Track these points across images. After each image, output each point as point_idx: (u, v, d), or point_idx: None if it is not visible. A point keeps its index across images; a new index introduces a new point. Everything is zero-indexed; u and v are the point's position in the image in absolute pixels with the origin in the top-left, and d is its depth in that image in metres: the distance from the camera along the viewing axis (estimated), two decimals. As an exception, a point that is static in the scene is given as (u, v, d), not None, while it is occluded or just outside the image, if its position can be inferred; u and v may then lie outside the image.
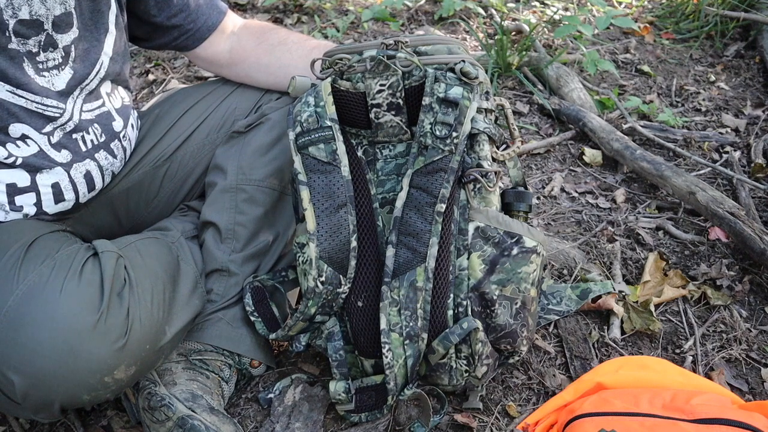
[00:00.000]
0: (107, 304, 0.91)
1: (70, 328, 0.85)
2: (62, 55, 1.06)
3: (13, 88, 1.01)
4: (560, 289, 1.41)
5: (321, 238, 1.06)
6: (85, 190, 1.15)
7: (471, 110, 1.05)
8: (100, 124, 1.16)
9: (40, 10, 1.00)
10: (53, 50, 1.04)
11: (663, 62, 2.42)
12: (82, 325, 0.86)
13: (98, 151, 1.16)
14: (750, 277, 1.47)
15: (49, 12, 1.01)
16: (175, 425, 1.06)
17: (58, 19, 1.03)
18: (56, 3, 1.02)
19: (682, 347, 1.33)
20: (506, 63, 2.23)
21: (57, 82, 1.07)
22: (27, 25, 0.99)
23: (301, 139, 1.07)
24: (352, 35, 2.60)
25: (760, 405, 1.06)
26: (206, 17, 1.30)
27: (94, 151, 1.15)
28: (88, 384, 0.88)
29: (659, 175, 1.70)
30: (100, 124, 1.16)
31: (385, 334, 1.05)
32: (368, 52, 1.08)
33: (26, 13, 0.99)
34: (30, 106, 1.03)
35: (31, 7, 0.99)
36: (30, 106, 1.03)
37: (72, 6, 1.05)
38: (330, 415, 1.18)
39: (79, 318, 0.86)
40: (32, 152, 1.06)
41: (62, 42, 1.06)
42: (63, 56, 1.06)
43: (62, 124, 1.09)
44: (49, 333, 0.84)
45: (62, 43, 1.06)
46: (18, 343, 0.84)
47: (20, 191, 1.07)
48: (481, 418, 1.17)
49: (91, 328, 0.86)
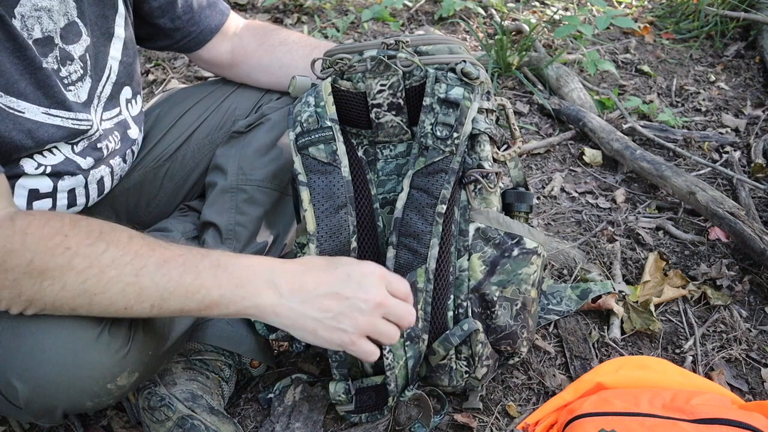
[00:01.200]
0: None
1: (74, 336, 0.85)
2: (81, 66, 1.05)
3: (46, 109, 1.00)
4: (560, 289, 1.41)
5: (321, 239, 1.06)
6: (95, 195, 1.15)
7: (472, 111, 1.05)
8: (119, 132, 1.16)
9: (49, 26, 0.99)
10: (71, 62, 1.03)
11: (663, 62, 2.42)
12: (85, 333, 0.86)
13: (113, 157, 1.16)
14: (750, 277, 1.47)
15: (56, 26, 1.00)
16: (175, 425, 1.06)
17: (64, 31, 1.02)
18: (60, 15, 1.01)
19: (682, 347, 1.33)
20: (506, 63, 2.23)
21: (81, 94, 1.06)
22: (41, 43, 0.98)
23: (301, 139, 1.07)
24: (352, 35, 2.60)
25: (760, 405, 1.06)
26: (209, 20, 1.30)
27: (110, 158, 1.15)
28: (91, 391, 0.88)
29: (659, 175, 1.70)
30: (120, 132, 1.16)
31: None
32: (369, 52, 1.08)
33: (39, 32, 0.97)
34: (66, 124, 1.03)
35: (41, 25, 0.97)
36: (66, 124, 1.03)
37: (75, 15, 1.04)
38: (330, 415, 1.18)
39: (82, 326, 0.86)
40: (59, 160, 1.06)
41: (76, 53, 1.04)
42: (82, 66, 1.05)
43: (89, 135, 1.08)
44: (52, 341, 0.84)
45: (77, 53, 1.04)
46: (22, 351, 0.84)
47: (40, 197, 1.06)
48: (481, 418, 1.17)
49: (94, 337, 0.86)
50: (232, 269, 0.86)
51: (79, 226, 0.83)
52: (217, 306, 0.85)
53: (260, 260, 0.90)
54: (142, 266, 0.83)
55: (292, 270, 0.89)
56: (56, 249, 0.80)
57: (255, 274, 0.87)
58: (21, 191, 1.03)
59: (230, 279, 0.86)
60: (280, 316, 0.87)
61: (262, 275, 0.87)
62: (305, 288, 0.88)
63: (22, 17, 0.94)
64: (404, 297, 0.93)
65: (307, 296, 0.87)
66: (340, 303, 0.88)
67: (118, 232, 0.85)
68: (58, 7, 0.99)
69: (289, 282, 0.88)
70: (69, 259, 0.80)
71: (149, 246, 0.85)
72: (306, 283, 0.88)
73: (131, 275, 0.82)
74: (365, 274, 0.90)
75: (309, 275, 0.89)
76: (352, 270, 0.90)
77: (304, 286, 0.88)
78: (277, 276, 0.88)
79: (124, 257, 0.82)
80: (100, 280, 0.81)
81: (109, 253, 0.82)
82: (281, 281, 0.87)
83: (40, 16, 0.97)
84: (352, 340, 0.89)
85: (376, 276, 0.90)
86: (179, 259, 0.85)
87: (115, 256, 0.82)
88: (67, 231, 0.82)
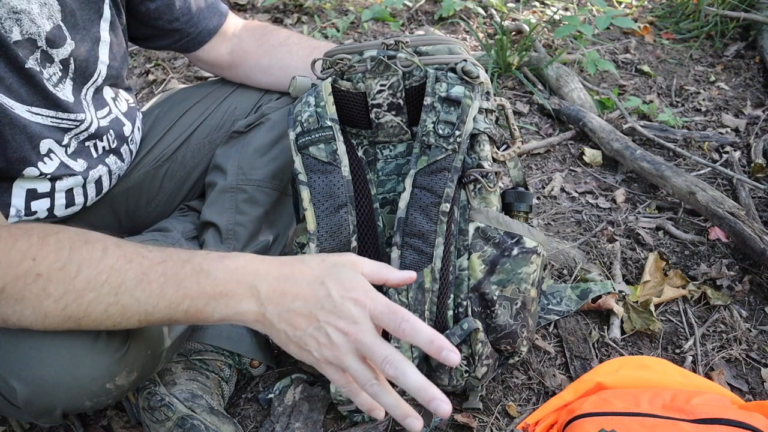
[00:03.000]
0: None
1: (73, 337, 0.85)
2: (60, 69, 1.04)
3: (28, 107, 0.99)
4: (560, 289, 1.41)
5: (321, 238, 1.06)
6: (93, 195, 1.15)
7: (473, 109, 1.05)
8: (114, 130, 1.16)
9: (31, 29, 0.98)
10: (50, 65, 1.02)
11: (663, 62, 2.42)
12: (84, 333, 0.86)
13: (108, 156, 1.16)
14: (750, 277, 1.47)
15: (40, 29, 0.99)
16: (175, 425, 1.06)
17: (50, 34, 1.01)
18: (44, 19, 1.00)
19: (682, 347, 1.33)
20: (506, 63, 2.23)
21: (68, 94, 1.06)
22: (22, 45, 0.97)
23: (301, 139, 1.07)
24: (352, 35, 2.60)
25: (760, 405, 1.06)
26: (207, 21, 1.30)
27: (104, 157, 1.15)
28: (89, 390, 0.88)
29: (659, 175, 1.70)
30: (114, 131, 1.16)
31: (395, 338, 1.04)
32: (369, 53, 1.08)
33: (18, 33, 0.96)
34: (46, 122, 1.02)
35: (21, 27, 0.96)
36: (46, 122, 1.02)
37: (59, 19, 1.03)
38: (330, 415, 1.18)
39: None
40: (56, 165, 1.06)
41: (58, 56, 1.03)
42: (61, 69, 1.05)
43: (78, 133, 1.08)
44: (50, 340, 0.84)
45: (58, 57, 1.03)
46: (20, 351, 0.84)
47: (38, 197, 1.06)
48: (481, 418, 1.17)
49: (93, 337, 0.86)
50: (215, 274, 0.81)
51: (47, 245, 0.77)
52: (202, 314, 0.81)
53: (245, 262, 0.83)
54: (120, 283, 0.78)
55: (276, 275, 0.82)
56: (27, 277, 0.76)
57: (238, 281, 0.81)
58: (19, 191, 1.03)
59: (214, 286, 0.80)
60: (260, 323, 0.82)
61: (245, 280, 0.81)
62: (283, 299, 0.81)
63: None
64: (391, 331, 0.79)
65: (282, 309, 0.80)
66: (310, 324, 0.79)
67: (90, 247, 0.78)
68: (38, 11, 0.98)
69: (270, 289, 0.81)
70: (43, 286, 0.76)
71: (126, 258, 0.79)
72: (285, 293, 0.81)
73: (111, 295, 0.78)
74: (348, 299, 0.78)
75: (291, 284, 0.81)
76: (335, 290, 0.79)
77: (283, 296, 0.81)
78: (260, 281, 0.81)
79: (99, 276, 0.77)
80: (80, 305, 0.77)
81: (82, 276, 0.77)
82: (263, 287, 0.81)
83: (19, 18, 0.96)
84: (320, 365, 0.81)
85: (358, 305, 0.78)
86: (159, 269, 0.80)
87: (89, 277, 0.77)
88: (35, 253, 0.76)
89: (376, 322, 0.79)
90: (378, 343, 0.77)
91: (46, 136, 1.02)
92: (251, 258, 0.84)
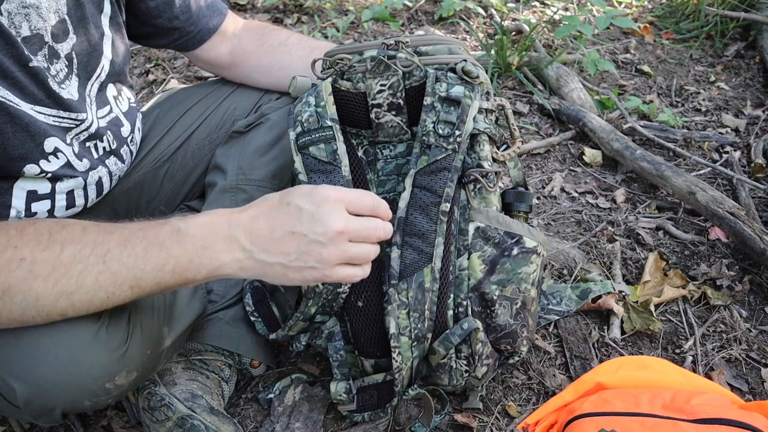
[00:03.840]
0: (108, 311, 0.91)
1: (71, 335, 0.85)
2: (66, 64, 1.04)
3: (33, 106, 0.99)
4: (560, 289, 1.41)
5: (321, 238, 1.06)
6: (94, 196, 1.15)
7: (473, 108, 1.05)
8: (112, 131, 1.16)
9: (39, 23, 0.98)
10: (57, 60, 1.02)
11: (663, 62, 2.42)
12: (83, 332, 0.86)
13: (109, 157, 1.16)
14: (750, 277, 1.47)
15: (46, 23, 0.99)
16: (175, 425, 1.06)
17: (55, 29, 1.01)
18: (51, 12, 1.00)
19: (682, 347, 1.33)
20: (506, 63, 2.23)
21: (72, 92, 1.06)
22: (30, 41, 0.97)
23: (301, 138, 1.07)
24: (352, 35, 2.60)
25: (760, 405, 1.06)
26: (207, 20, 1.30)
27: (105, 158, 1.15)
28: (89, 390, 0.88)
29: (659, 175, 1.70)
30: (112, 131, 1.16)
31: (395, 338, 1.04)
32: (369, 53, 1.08)
33: (27, 29, 0.96)
34: (49, 120, 1.02)
35: (30, 22, 0.96)
36: (49, 120, 1.02)
37: (65, 13, 1.03)
38: (330, 415, 1.18)
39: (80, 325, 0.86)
40: (61, 164, 1.05)
41: (63, 51, 1.03)
42: (67, 65, 1.05)
43: (79, 133, 1.08)
44: (50, 340, 0.84)
45: (63, 51, 1.03)
46: (19, 350, 0.84)
47: (39, 198, 1.06)
48: (481, 418, 1.17)
49: (92, 336, 0.86)
50: (194, 231, 0.84)
51: (26, 234, 0.80)
52: (189, 272, 0.83)
53: (217, 215, 0.86)
54: (106, 252, 0.81)
55: (247, 218, 0.85)
56: (11, 264, 0.78)
57: (214, 232, 0.84)
58: (19, 192, 1.03)
59: (194, 242, 0.83)
60: (247, 269, 0.85)
61: (221, 231, 0.84)
62: (262, 235, 0.84)
63: (9, 14, 0.93)
64: (369, 211, 0.87)
65: (265, 244, 0.84)
66: (298, 242, 0.83)
67: (69, 228, 0.82)
68: (47, 4, 0.98)
69: (246, 232, 0.84)
70: (29, 269, 0.78)
71: (106, 231, 0.83)
72: (261, 229, 0.84)
73: (98, 264, 0.80)
74: (319, 203, 0.83)
75: (263, 220, 0.85)
76: (304, 202, 0.84)
77: (261, 233, 0.84)
78: (235, 229, 0.85)
79: (84, 249, 0.80)
80: (69, 278, 0.79)
81: (67, 252, 0.80)
82: (239, 233, 0.84)
83: (27, 14, 0.96)
84: (324, 274, 0.85)
85: (330, 202, 0.83)
86: (139, 234, 0.83)
87: (74, 252, 0.80)
88: (16, 242, 0.79)
89: (352, 210, 0.85)
90: (366, 220, 0.86)
91: (52, 135, 1.02)
92: (220, 211, 0.88)
